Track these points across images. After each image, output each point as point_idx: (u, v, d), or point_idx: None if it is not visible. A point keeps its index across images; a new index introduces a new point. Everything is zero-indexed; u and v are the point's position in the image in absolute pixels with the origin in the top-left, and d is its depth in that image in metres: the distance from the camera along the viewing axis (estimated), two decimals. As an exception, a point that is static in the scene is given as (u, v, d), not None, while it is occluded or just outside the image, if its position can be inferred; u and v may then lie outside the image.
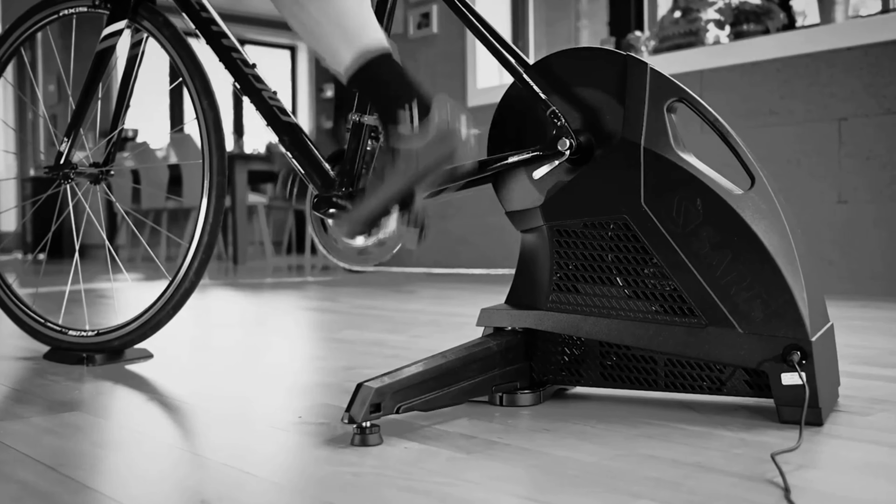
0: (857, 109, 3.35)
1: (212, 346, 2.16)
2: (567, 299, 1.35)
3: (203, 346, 2.15)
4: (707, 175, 1.29)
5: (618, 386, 1.34)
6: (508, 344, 1.34)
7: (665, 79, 1.35)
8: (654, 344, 1.28)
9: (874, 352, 1.82)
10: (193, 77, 1.79)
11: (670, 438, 1.13)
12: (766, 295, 1.22)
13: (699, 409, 1.30)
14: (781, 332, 1.20)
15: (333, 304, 3.23)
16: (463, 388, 1.26)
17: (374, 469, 1.01)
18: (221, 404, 1.41)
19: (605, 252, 1.33)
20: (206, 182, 1.78)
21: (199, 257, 1.79)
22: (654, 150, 1.31)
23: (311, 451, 1.11)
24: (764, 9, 3.72)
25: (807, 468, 0.99)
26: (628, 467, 1.00)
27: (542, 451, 1.08)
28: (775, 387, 1.20)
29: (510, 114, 1.48)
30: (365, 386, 1.12)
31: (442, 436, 1.16)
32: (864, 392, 1.41)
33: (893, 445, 1.08)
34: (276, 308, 3.13)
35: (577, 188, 1.36)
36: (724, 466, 1.00)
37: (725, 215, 1.25)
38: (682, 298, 1.27)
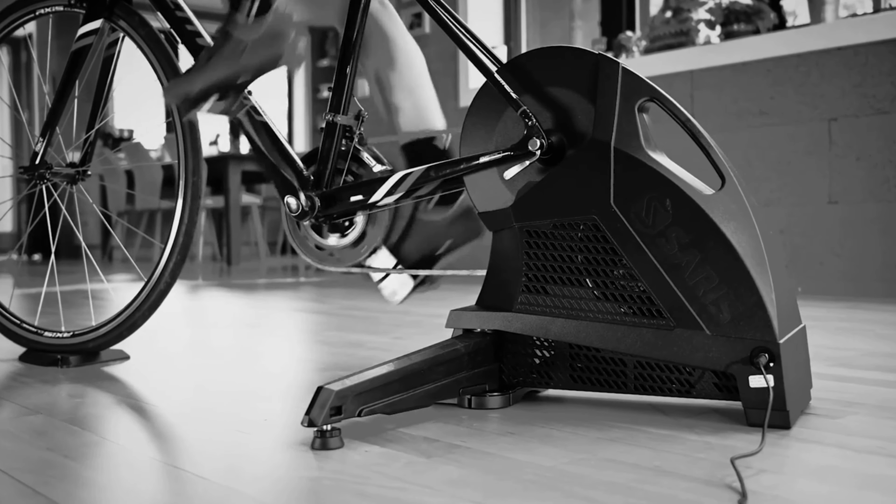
0: (848, 110, 3.34)
1: (191, 346, 2.14)
2: (536, 301, 1.34)
3: (182, 346, 2.14)
4: (677, 175, 1.28)
5: (587, 388, 1.33)
6: (477, 346, 1.33)
7: (637, 78, 1.34)
8: (623, 346, 1.26)
9: (853, 353, 1.81)
10: (169, 77, 1.78)
11: (634, 442, 1.12)
12: (735, 296, 1.20)
13: (668, 412, 1.29)
14: (749, 334, 1.19)
15: (321, 304, 3.22)
16: (429, 390, 1.24)
17: (330, 473, 1.00)
18: (187, 406, 1.40)
19: (574, 253, 1.32)
20: (182, 183, 1.77)
21: (174, 258, 1.78)
22: (624, 150, 1.30)
23: (271, 454, 1.10)
24: (754, 9, 3.71)
25: (767, 472, 0.98)
26: (587, 471, 0.99)
27: (503, 454, 1.07)
28: (743, 389, 1.18)
29: (482, 114, 1.47)
30: (325, 389, 1.11)
31: (405, 439, 1.15)
32: (838, 394, 1.39)
33: (858, 449, 1.07)
34: (263, 308, 3.12)
35: (547, 189, 1.35)
36: (685, 471, 0.99)
37: (695, 216, 1.24)
38: (651, 300, 1.26)
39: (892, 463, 1.01)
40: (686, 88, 3.79)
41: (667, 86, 3.85)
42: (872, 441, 1.10)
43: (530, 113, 1.38)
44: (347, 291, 3.80)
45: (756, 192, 3.58)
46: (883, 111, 3.25)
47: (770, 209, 3.54)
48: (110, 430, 1.24)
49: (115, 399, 1.45)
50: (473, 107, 1.48)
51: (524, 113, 1.38)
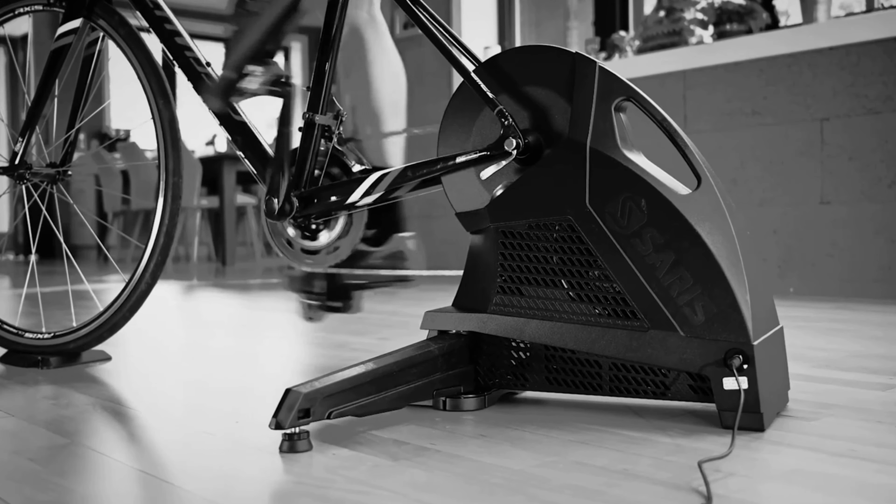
0: (840, 110, 3.33)
1: (174, 347, 2.13)
2: (511, 302, 1.32)
3: (165, 347, 2.13)
4: (653, 175, 1.27)
5: (563, 390, 1.32)
6: (451, 347, 1.31)
7: (614, 77, 1.33)
8: (597, 347, 1.25)
9: (838, 354, 1.80)
10: (149, 77, 1.77)
11: (605, 444, 1.11)
12: (709, 298, 1.19)
13: (643, 414, 1.28)
14: (723, 336, 1.18)
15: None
16: (401, 392, 1.23)
17: (294, 477, 0.99)
18: (161, 408, 1.39)
19: (550, 254, 1.31)
20: (162, 183, 1.76)
21: (154, 259, 1.77)
22: (599, 149, 1.29)
23: (238, 457, 1.09)
24: (747, 9, 3.69)
25: (735, 476, 0.97)
26: (554, 475, 0.98)
27: (472, 457, 1.06)
28: (717, 391, 1.17)
29: (460, 113, 1.46)
30: (293, 391, 1.10)
31: (375, 442, 1.14)
32: (816, 396, 1.38)
33: (830, 452, 1.06)
34: (253, 309, 3.11)
35: (522, 189, 1.34)
36: (652, 474, 0.98)
37: (669, 216, 1.23)
38: (625, 301, 1.25)
39: (861, 466, 1.00)
40: (679, 88, 3.77)
41: (659, 86, 3.84)
42: (845, 444, 1.09)
43: (507, 112, 1.37)
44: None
45: (748, 193, 3.56)
46: (875, 111, 3.24)
47: (762, 209, 3.53)
48: (79, 433, 1.23)
49: (89, 401, 1.44)
50: (451, 106, 1.47)
51: (500, 112, 1.37)
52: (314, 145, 1.56)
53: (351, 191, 1.50)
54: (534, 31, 5.31)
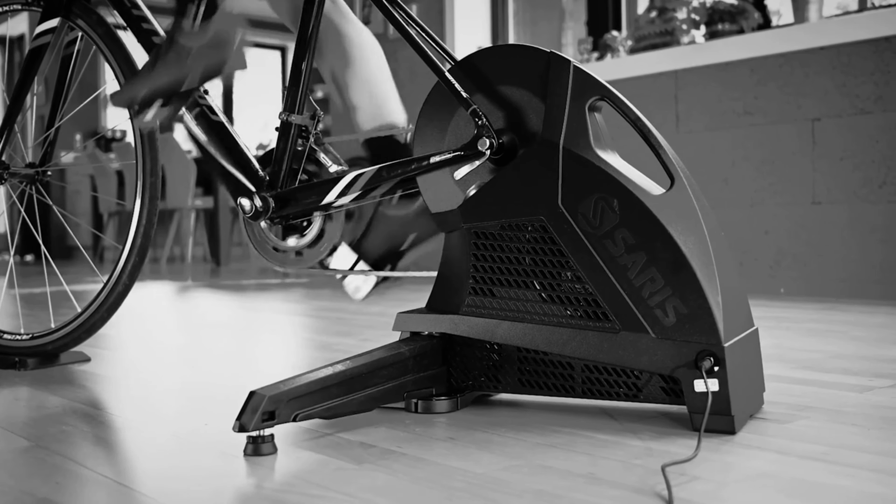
0: (831, 110, 3.32)
1: (154, 348, 2.12)
2: (483, 303, 1.31)
3: (145, 348, 2.12)
4: (626, 176, 1.25)
5: (535, 392, 1.31)
6: (423, 349, 1.30)
7: (588, 77, 1.32)
8: (568, 349, 1.24)
9: (819, 356, 1.78)
10: (126, 76, 1.76)
11: (574, 447, 1.10)
12: (680, 299, 1.18)
13: (617, 416, 1.26)
14: (694, 338, 1.16)
15: (298, 305, 3.20)
16: (370, 394, 1.22)
17: (255, 480, 0.98)
18: (135, 410, 1.38)
19: (522, 255, 1.30)
20: (139, 184, 1.75)
21: (132, 260, 1.76)
22: (572, 149, 1.28)
23: (202, 461, 1.08)
24: (738, 8, 3.68)
25: (701, 479, 0.95)
26: (517, 479, 0.97)
27: (437, 461, 1.04)
28: (688, 393, 1.16)
29: (435, 113, 1.44)
30: (257, 393, 1.08)
31: (342, 445, 1.13)
32: (793, 398, 1.37)
33: (800, 456, 1.04)
34: (241, 309, 3.10)
35: (495, 189, 1.32)
36: (617, 478, 0.96)
37: (641, 217, 1.22)
38: (597, 302, 1.23)
39: (831, 470, 0.98)
40: (671, 88, 3.76)
41: (651, 85, 3.82)
42: (816, 447, 1.08)
43: (480, 112, 1.36)
44: (328, 292, 3.78)
45: (740, 193, 3.55)
46: (866, 111, 3.22)
47: (754, 210, 3.51)
48: (43, 436, 1.21)
49: (62, 403, 1.43)
50: (426, 106, 1.45)
51: (474, 112, 1.36)
52: (290, 146, 1.55)
53: (327, 191, 1.49)
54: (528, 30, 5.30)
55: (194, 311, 3.16)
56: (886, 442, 1.10)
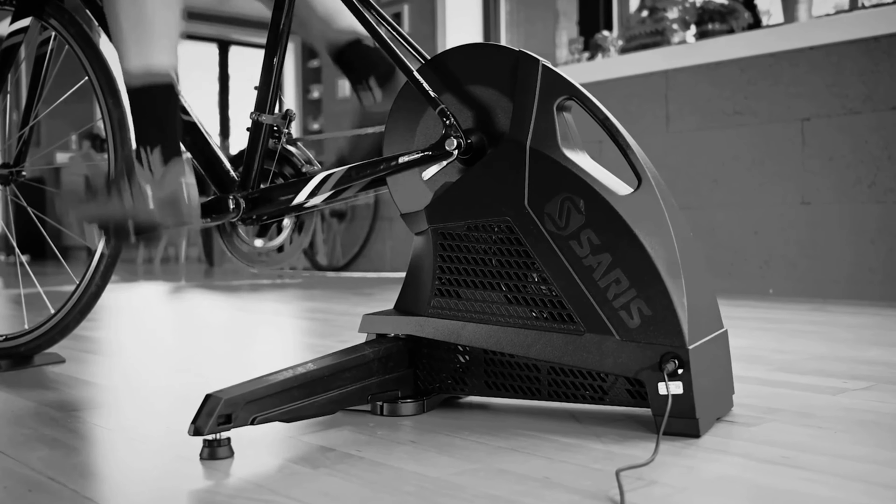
0: (820, 110, 3.30)
1: (132, 349, 2.11)
2: (448, 305, 1.30)
3: (124, 349, 2.11)
4: (592, 176, 1.24)
5: (502, 395, 1.29)
6: (388, 351, 1.29)
7: (557, 76, 1.31)
8: (533, 352, 1.23)
9: (798, 357, 1.77)
10: (99, 76, 1.75)
11: (535, 451, 1.08)
12: (645, 300, 1.16)
13: (583, 419, 1.25)
14: (658, 340, 1.15)
15: (285, 306, 3.19)
16: (332, 397, 1.21)
17: (205, 485, 0.97)
18: (101, 413, 1.36)
19: (488, 256, 1.28)
20: (111, 183, 1.74)
21: (104, 261, 1.75)
22: (539, 149, 1.26)
23: (157, 465, 1.07)
24: (728, 8, 3.67)
25: (657, 484, 0.94)
26: (471, 483, 0.95)
27: (393, 465, 1.03)
28: (652, 396, 1.15)
29: (404, 113, 1.43)
30: (213, 396, 1.07)
31: (301, 448, 1.12)
32: (764, 400, 1.35)
33: (762, 459, 1.03)
34: (228, 310, 3.09)
35: (461, 190, 1.31)
36: (573, 482, 0.95)
37: (607, 217, 1.20)
38: (562, 304, 1.22)
39: (791, 474, 0.97)
40: (661, 88, 3.75)
41: (642, 85, 3.81)
42: (780, 450, 1.07)
43: (448, 112, 1.35)
44: (318, 293, 3.77)
45: (730, 193, 3.54)
46: (855, 111, 3.21)
47: (744, 210, 3.50)
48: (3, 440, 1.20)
49: (26, 405, 1.42)
50: (395, 106, 1.44)
51: (442, 112, 1.35)
52: (261, 146, 1.53)
53: (297, 191, 1.48)
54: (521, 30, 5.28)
55: (183, 313, 3.15)
56: (851, 445, 1.09)
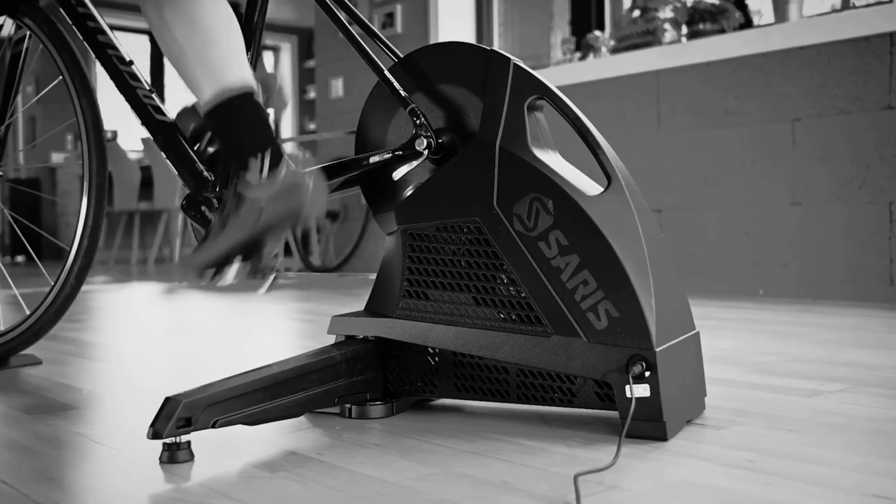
0: (811, 110, 3.29)
1: (110, 350, 2.10)
2: (417, 306, 1.29)
3: (103, 350, 2.09)
4: (561, 176, 1.22)
5: (471, 397, 1.28)
6: (356, 353, 1.28)
7: (528, 75, 1.29)
8: (501, 354, 1.21)
9: (777, 359, 1.75)
10: (73, 76, 1.74)
11: (498, 455, 1.07)
12: (612, 302, 1.15)
13: (552, 422, 1.23)
14: (625, 342, 1.14)
15: (274, 306, 3.17)
16: (297, 399, 1.19)
17: (162, 489, 0.95)
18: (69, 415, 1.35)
19: (457, 257, 1.27)
20: (86, 184, 1.73)
21: (79, 262, 1.74)
22: (509, 149, 1.25)
23: (115, 469, 1.05)
24: (719, 8, 3.65)
25: (617, 489, 0.93)
26: (428, 488, 0.94)
27: (353, 469, 1.02)
28: (619, 399, 1.13)
29: (376, 113, 1.42)
30: (172, 399, 1.06)
31: (264, 451, 1.10)
32: (737, 403, 1.34)
33: (726, 464, 1.02)
34: (216, 311, 3.08)
35: (430, 190, 1.30)
36: (532, 487, 0.94)
37: (575, 218, 1.19)
38: (530, 306, 1.21)
39: (753, 478, 0.96)
40: (652, 88, 3.73)
41: (633, 86, 3.79)
42: (745, 454, 1.05)
43: (419, 111, 1.34)
44: (311, 294, 3.75)
45: (720, 193, 3.52)
46: (845, 111, 3.19)
47: (734, 210, 3.48)
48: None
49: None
50: (367, 105, 1.43)
51: (412, 111, 1.34)
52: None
53: (270, 192, 1.46)
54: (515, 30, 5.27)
55: (172, 314, 3.14)
56: (817, 449, 1.07)
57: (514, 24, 5.25)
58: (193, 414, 1.07)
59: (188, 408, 1.06)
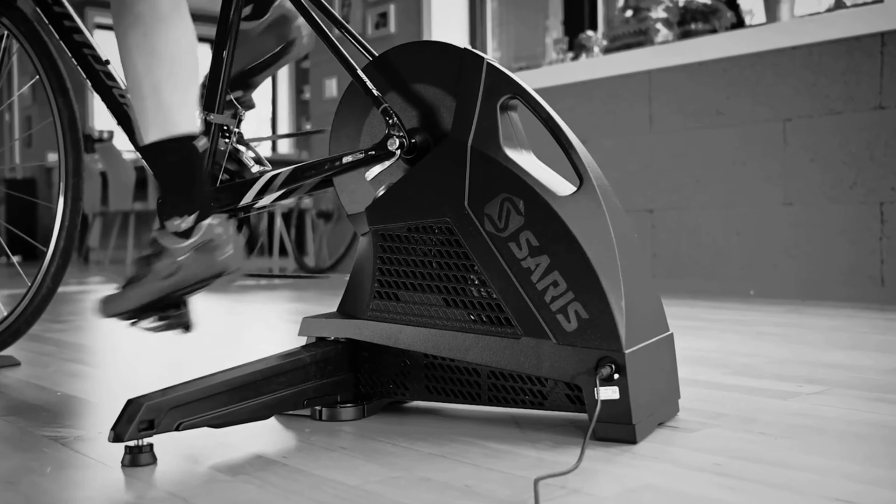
0: (802, 110, 3.27)
1: (93, 351, 2.08)
2: (388, 307, 1.27)
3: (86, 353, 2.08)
4: (533, 176, 1.21)
5: (442, 399, 1.27)
6: (326, 355, 1.26)
7: (501, 74, 1.28)
8: (471, 356, 1.20)
9: (759, 360, 1.74)
10: (49, 75, 1.73)
11: (464, 458, 1.06)
12: (582, 304, 1.14)
13: (523, 424, 1.22)
14: (595, 344, 1.12)
15: (265, 306, 3.16)
16: (265, 402, 1.18)
17: (119, 493, 0.94)
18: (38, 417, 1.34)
19: (428, 258, 1.26)
20: (62, 184, 1.72)
21: (55, 262, 1.73)
22: (481, 149, 1.24)
23: (76, 471, 1.04)
24: (711, 8, 3.64)
25: (579, 493, 0.91)
26: (388, 492, 0.93)
27: (316, 472, 1.00)
28: (589, 402, 1.12)
29: (350, 112, 1.41)
30: (134, 401, 1.05)
31: (228, 455, 1.09)
32: (712, 405, 1.33)
33: (693, 467, 1.00)
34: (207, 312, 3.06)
35: (402, 190, 1.28)
36: (493, 491, 0.93)
37: (546, 218, 1.18)
38: (500, 307, 1.19)
39: (717, 482, 0.94)
40: (644, 88, 3.72)
41: (625, 85, 3.78)
42: (713, 457, 1.04)
43: (391, 111, 1.32)
44: (305, 294, 3.74)
45: (712, 194, 3.51)
46: (836, 111, 3.18)
47: (726, 211, 3.47)
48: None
49: (-35, 409, 1.40)
50: (341, 105, 1.42)
51: (385, 111, 1.32)
52: (211, 146, 1.51)
53: (244, 192, 1.45)
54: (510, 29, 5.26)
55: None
56: (786, 452, 1.06)
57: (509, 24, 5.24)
58: (156, 416, 1.05)
59: (150, 410, 1.05)
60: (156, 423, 1.05)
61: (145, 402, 1.04)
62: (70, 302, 3.48)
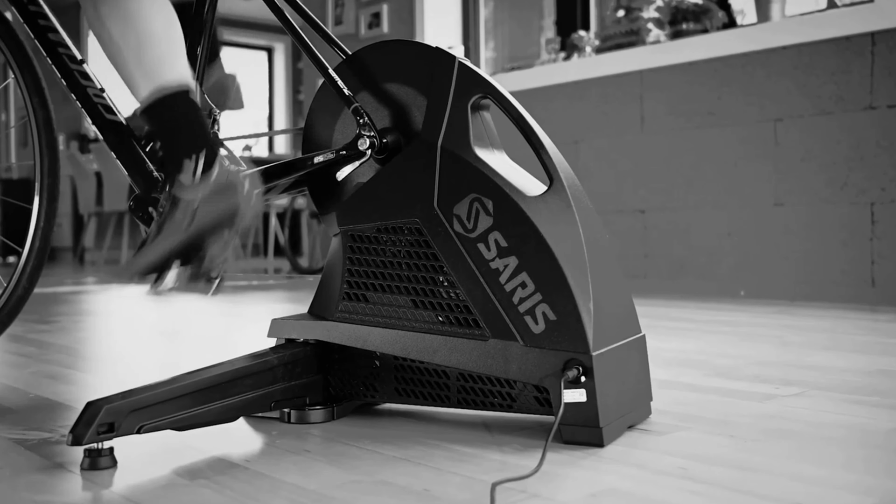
0: (793, 110, 3.26)
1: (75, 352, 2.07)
2: (356, 309, 1.26)
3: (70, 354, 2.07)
4: (502, 176, 1.20)
5: (412, 402, 1.25)
6: (294, 357, 1.25)
7: (473, 74, 1.27)
8: (439, 357, 1.19)
9: (740, 362, 1.73)
10: (24, 74, 1.71)
11: (428, 461, 1.04)
12: (550, 305, 1.13)
13: (493, 427, 1.21)
14: (562, 346, 1.11)
15: (259, 307, 3.15)
16: (231, 404, 1.17)
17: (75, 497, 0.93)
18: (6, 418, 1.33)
19: (397, 259, 1.24)
20: (38, 184, 1.70)
21: (31, 263, 1.71)
22: (451, 149, 1.23)
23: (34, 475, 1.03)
24: (702, 8, 3.62)
25: (538, 497, 0.90)
26: (345, 497, 0.91)
27: (275, 476, 0.99)
28: (556, 404, 1.11)
29: (322, 112, 1.40)
30: (94, 404, 1.03)
31: (191, 457, 1.08)
32: (687, 408, 1.31)
33: (658, 471, 0.99)
34: (202, 313, 3.05)
35: (371, 191, 1.27)
36: (451, 495, 0.91)
37: (515, 219, 1.16)
38: (468, 308, 1.18)
39: (681, 486, 0.93)
40: (636, 88, 3.71)
41: (617, 86, 3.77)
42: (680, 461, 1.03)
43: (363, 110, 1.31)
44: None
45: (703, 194, 3.49)
46: (827, 111, 3.16)
47: (717, 211, 3.46)
48: None
49: (-66, 411, 1.38)
50: (314, 105, 1.41)
51: (356, 110, 1.31)
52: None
53: (217, 193, 1.44)
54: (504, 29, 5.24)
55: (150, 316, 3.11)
56: (754, 455, 1.05)
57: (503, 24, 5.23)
58: (116, 419, 1.04)
59: (110, 413, 1.03)
60: (116, 426, 1.04)
61: (105, 404, 1.03)
62: (61, 303, 3.47)
